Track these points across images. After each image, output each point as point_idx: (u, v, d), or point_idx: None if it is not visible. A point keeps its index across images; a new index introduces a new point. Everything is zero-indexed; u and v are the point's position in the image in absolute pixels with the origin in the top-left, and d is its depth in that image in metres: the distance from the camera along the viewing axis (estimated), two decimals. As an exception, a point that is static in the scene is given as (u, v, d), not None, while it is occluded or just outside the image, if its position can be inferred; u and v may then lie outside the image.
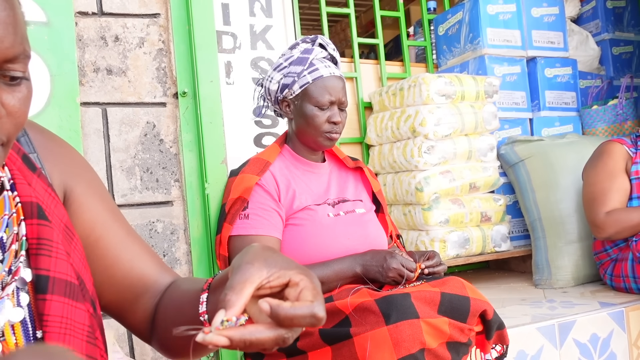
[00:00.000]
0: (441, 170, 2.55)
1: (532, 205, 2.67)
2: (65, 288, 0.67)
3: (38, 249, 0.67)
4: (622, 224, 2.19)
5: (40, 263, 0.67)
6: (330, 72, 1.62)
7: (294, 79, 1.62)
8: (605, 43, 3.46)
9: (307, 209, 1.59)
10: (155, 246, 1.58)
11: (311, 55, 1.63)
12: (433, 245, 2.50)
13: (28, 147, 0.77)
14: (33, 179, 0.72)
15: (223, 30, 2.02)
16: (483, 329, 1.42)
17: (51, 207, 0.72)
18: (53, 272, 0.67)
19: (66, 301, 0.67)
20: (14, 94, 0.63)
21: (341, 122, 1.64)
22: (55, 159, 0.80)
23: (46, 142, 0.80)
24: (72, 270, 0.70)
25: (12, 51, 0.61)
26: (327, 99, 1.60)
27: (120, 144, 1.58)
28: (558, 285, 2.51)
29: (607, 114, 3.01)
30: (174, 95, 1.65)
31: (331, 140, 1.65)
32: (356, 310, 1.30)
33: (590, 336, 1.97)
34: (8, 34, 0.60)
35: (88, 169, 0.85)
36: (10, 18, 0.61)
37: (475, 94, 2.64)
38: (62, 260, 0.69)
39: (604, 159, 2.33)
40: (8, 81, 0.62)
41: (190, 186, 1.63)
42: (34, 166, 0.74)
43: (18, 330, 0.64)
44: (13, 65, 0.62)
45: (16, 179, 0.70)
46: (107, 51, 1.59)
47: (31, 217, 0.69)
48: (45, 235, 0.68)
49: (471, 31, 2.98)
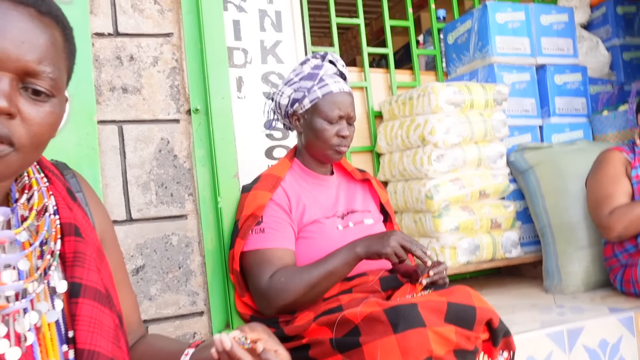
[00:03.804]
0: (451, 178, 2.59)
1: (542, 211, 2.69)
2: (94, 294, 0.78)
3: (74, 260, 0.79)
4: (628, 218, 2.22)
5: (75, 272, 0.78)
6: (339, 88, 1.67)
7: (304, 94, 1.67)
8: (616, 49, 3.47)
9: (317, 222, 1.63)
10: (171, 259, 1.64)
11: (321, 71, 1.69)
12: (444, 252, 2.53)
13: (75, 186, 0.92)
14: (74, 206, 0.84)
15: (234, 45, 2.08)
16: (490, 337, 1.45)
17: (87, 230, 0.84)
18: (85, 280, 0.78)
19: (95, 305, 0.78)
20: (35, 107, 0.71)
21: (349, 136, 1.69)
22: (96, 204, 0.95)
23: (89, 189, 0.96)
24: (100, 281, 0.81)
25: (33, 66, 0.69)
26: (337, 113, 1.65)
27: (136, 160, 1.64)
28: (568, 291, 2.53)
29: (618, 119, 3.02)
30: (187, 112, 1.70)
31: (339, 154, 1.69)
32: (365, 320, 1.33)
33: (600, 341, 1.98)
34: (32, 49, 0.69)
35: (111, 223, 1.00)
36: (38, 39, 0.70)
37: (484, 102, 2.67)
38: (93, 272, 0.80)
39: (604, 166, 2.39)
40: (31, 94, 0.70)
41: (203, 200, 1.68)
42: (75, 197, 0.87)
43: (53, 329, 0.75)
44: (35, 80, 0.70)
45: (59, 205, 0.82)
46: (122, 70, 1.65)
47: (69, 234, 0.80)
48: (80, 249, 0.80)
49: (480, 39, 3.01)
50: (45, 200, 0.81)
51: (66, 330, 0.77)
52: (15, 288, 0.72)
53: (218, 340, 0.75)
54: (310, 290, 1.50)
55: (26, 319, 0.72)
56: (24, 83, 0.69)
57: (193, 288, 1.66)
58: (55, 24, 0.74)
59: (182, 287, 1.65)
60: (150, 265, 1.62)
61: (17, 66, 0.68)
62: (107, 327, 0.78)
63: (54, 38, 0.72)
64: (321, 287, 1.51)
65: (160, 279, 1.63)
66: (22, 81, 0.69)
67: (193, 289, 1.66)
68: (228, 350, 0.74)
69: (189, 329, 1.65)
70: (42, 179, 0.84)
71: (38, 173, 0.84)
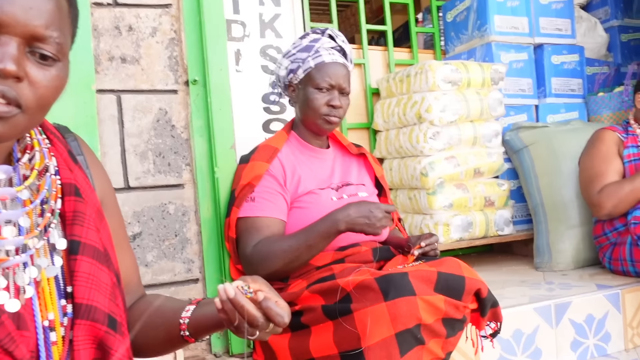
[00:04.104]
0: (446, 156, 2.61)
1: (535, 190, 2.72)
2: (93, 252, 0.81)
3: (74, 219, 0.81)
4: (617, 195, 2.27)
5: (74, 230, 0.81)
6: (332, 59, 1.69)
7: (299, 65, 1.71)
8: (614, 30, 3.47)
9: (312, 192, 1.66)
10: (167, 227, 1.67)
11: (318, 44, 1.71)
12: (437, 228, 2.56)
13: (77, 149, 0.94)
14: (75, 168, 0.87)
15: (232, 19, 2.08)
16: (478, 307, 1.48)
17: (87, 191, 0.86)
18: (84, 238, 0.81)
19: (93, 262, 0.80)
20: (42, 71, 0.73)
21: (341, 107, 1.70)
22: (97, 167, 0.97)
23: (90, 153, 0.98)
24: (99, 240, 0.83)
25: (40, 31, 0.71)
26: (327, 82, 1.67)
27: (134, 129, 1.66)
28: (558, 268, 2.57)
29: (613, 101, 3.04)
30: (185, 83, 1.72)
31: (330, 124, 1.70)
32: (357, 288, 1.36)
33: (586, 317, 2.03)
34: (40, 15, 0.71)
35: (112, 186, 1.03)
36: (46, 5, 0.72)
37: (481, 80, 2.68)
38: (92, 230, 0.82)
39: (597, 145, 2.42)
40: (38, 58, 0.72)
41: (200, 170, 1.70)
42: (76, 160, 0.89)
43: (52, 284, 0.78)
44: (42, 45, 0.72)
45: (60, 166, 0.85)
46: (121, 40, 1.67)
47: (69, 194, 0.83)
48: (80, 209, 0.82)
49: (479, 18, 3.01)
50: (47, 161, 0.83)
51: (65, 285, 0.79)
52: (15, 243, 0.75)
53: (222, 289, 0.77)
54: (290, 262, 1.53)
55: (26, 273, 0.75)
56: (31, 47, 0.71)
57: (189, 256, 1.69)
58: None
59: (178, 254, 1.68)
60: (147, 232, 1.65)
61: (25, 31, 0.70)
62: (105, 284, 0.81)
63: (60, 3, 0.74)
64: (301, 258, 1.54)
65: (157, 247, 1.66)
66: (29, 45, 0.71)
67: (189, 256, 1.69)
68: (232, 298, 0.76)
69: (184, 296, 1.69)
70: (43, 140, 0.86)
71: (40, 134, 0.86)
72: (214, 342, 1.69)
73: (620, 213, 2.31)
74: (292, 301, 1.50)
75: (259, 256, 1.55)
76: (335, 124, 1.72)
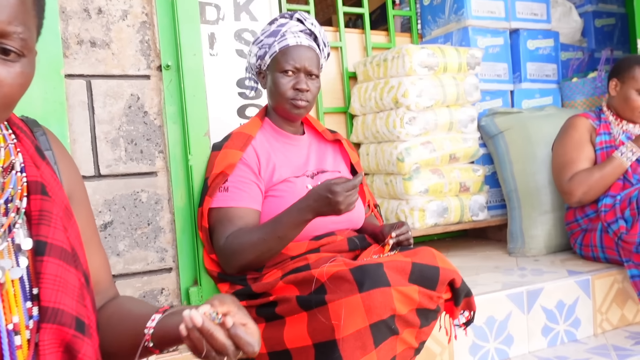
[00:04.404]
0: (422, 141, 2.61)
1: (510, 176, 2.75)
2: (60, 253, 0.78)
3: (40, 219, 0.79)
4: (587, 183, 2.31)
5: (40, 231, 0.78)
6: (297, 42, 1.66)
7: (266, 50, 1.69)
8: (589, 15, 3.49)
9: (287, 181, 1.64)
10: (140, 215, 1.64)
11: (284, 28, 1.68)
12: (413, 214, 2.57)
13: (45, 144, 0.90)
14: (42, 164, 0.84)
15: (206, 1, 2.03)
16: (452, 297, 1.50)
17: (54, 189, 0.83)
18: (51, 239, 0.78)
19: (60, 264, 0.78)
20: (6, 68, 0.70)
21: (309, 90, 1.67)
22: (66, 161, 0.94)
23: (60, 147, 0.94)
24: (67, 240, 0.81)
25: (3, 27, 0.68)
26: (291, 64, 1.65)
27: (105, 115, 1.62)
28: (531, 254, 2.61)
29: (586, 86, 3.06)
30: (157, 68, 1.68)
31: (297, 108, 1.68)
32: (331, 278, 1.36)
33: (557, 302, 2.06)
34: (2, 10, 0.68)
35: (82, 180, 0.99)
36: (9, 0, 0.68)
37: (457, 65, 2.68)
38: (59, 230, 0.80)
39: (570, 132, 2.45)
40: (0, 54, 0.69)
41: (174, 157, 1.67)
42: (44, 155, 0.86)
43: (17, 286, 0.75)
44: (5, 41, 0.69)
45: (26, 163, 0.82)
46: (90, 23, 1.61)
47: (36, 193, 0.80)
48: (46, 207, 0.80)
49: (456, 2, 3.00)
50: (12, 158, 0.81)
51: (31, 287, 0.77)
52: None
53: (187, 316, 0.72)
54: (261, 253, 1.51)
55: None
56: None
57: (162, 245, 1.67)
58: None
59: (151, 243, 1.66)
60: (118, 221, 1.62)
61: None
62: (72, 286, 0.79)
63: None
64: (273, 250, 1.52)
65: (129, 235, 1.63)
66: None
67: (162, 245, 1.67)
68: (199, 327, 0.72)
69: (157, 285, 1.67)
70: (10, 136, 0.83)
71: (6, 129, 0.83)
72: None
73: (590, 200, 2.35)
74: (266, 291, 1.49)
75: (230, 249, 1.53)
76: (303, 108, 1.69)
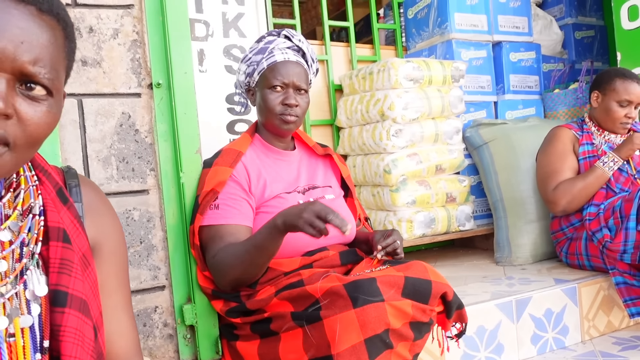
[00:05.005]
0: (408, 153, 2.64)
1: (495, 186, 2.79)
2: (80, 305, 0.76)
3: (61, 267, 0.76)
4: (570, 192, 2.35)
5: (61, 280, 0.75)
6: (284, 58, 1.69)
7: (254, 68, 1.71)
8: (569, 27, 3.57)
9: (278, 197, 1.66)
10: (132, 233, 1.64)
11: (272, 45, 1.70)
12: (400, 225, 2.60)
13: (76, 196, 0.87)
14: (62, 209, 0.81)
15: (196, 18, 2.05)
16: (444, 309, 1.52)
17: (74, 235, 0.80)
18: (72, 289, 0.76)
19: (80, 316, 0.75)
20: (32, 107, 0.70)
21: (298, 105, 1.69)
22: (98, 213, 0.90)
23: (95, 197, 0.91)
24: (83, 290, 0.78)
25: (29, 67, 0.68)
26: (279, 80, 1.67)
27: (96, 134, 1.62)
28: (517, 263, 2.65)
29: (568, 97, 3.13)
30: (148, 86, 1.69)
31: (287, 123, 1.69)
32: (326, 294, 1.37)
33: (545, 311, 2.10)
34: (31, 50, 0.68)
35: (119, 233, 0.94)
36: (38, 39, 0.69)
37: (442, 78, 2.72)
38: (79, 280, 0.77)
39: (554, 142, 2.50)
40: (24, 90, 0.69)
41: (165, 175, 1.68)
42: (67, 199, 0.83)
43: (27, 336, 0.72)
44: (30, 79, 0.69)
45: (47, 207, 0.79)
46: (81, 42, 1.62)
47: (57, 239, 0.77)
48: (68, 256, 0.77)
49: (439, 15, 3.05)
50: (32, 200, 0.79)
51: (42, 338, 0.73)
52: None
53: None
54: (247, 267, 1.50)
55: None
56: (21, 83, 0.69)
57: (155, 262, 1.67)
58: (57, 22, 0.72)
59: (144, 261, 1.66)
60: (111, 240, 1.62)
61: (14, 66, 0.67)
62: (89, 340, 0.76)
63: (54, 37, 0.71)
64: (257, 263, 1.50)
65: (122, 254, 1.63)
66: (19, 81, 0.68)
67: (155, 263, 1.67)
68: None
69: (151, 303, 1.66)
70: (32, 177, 0.81)
71: (29, 171, 0.82)
72: (181, 349, 1.67)
73: (574, 209, 2.39)
74: (261, 308, 1.50)
75: (220, 265, 1.54)
76: (292, 123, 1.70)
